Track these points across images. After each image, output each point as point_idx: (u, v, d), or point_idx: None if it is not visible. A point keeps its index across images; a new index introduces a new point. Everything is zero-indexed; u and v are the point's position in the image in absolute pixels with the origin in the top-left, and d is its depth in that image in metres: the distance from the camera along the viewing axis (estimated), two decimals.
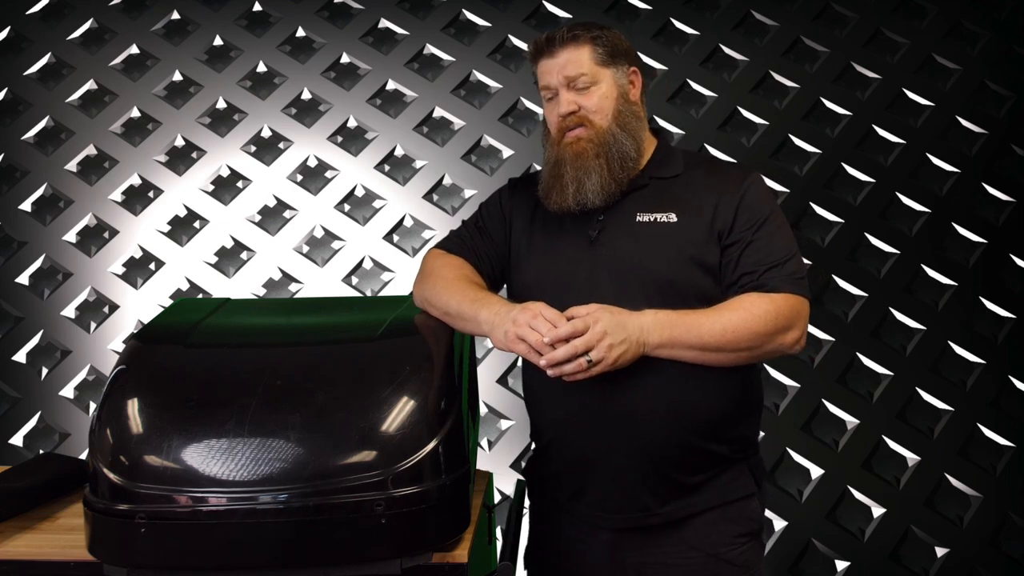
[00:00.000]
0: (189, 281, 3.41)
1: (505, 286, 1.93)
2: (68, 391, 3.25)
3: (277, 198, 3.54)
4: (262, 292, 3.41)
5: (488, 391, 3.22)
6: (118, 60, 3.76)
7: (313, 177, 3.58)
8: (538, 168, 1.86)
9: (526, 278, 1.86)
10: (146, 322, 2.40)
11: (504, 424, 3.18)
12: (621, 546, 1.79)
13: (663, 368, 1.70)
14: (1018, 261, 3.42)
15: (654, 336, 1.63)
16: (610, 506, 1.78)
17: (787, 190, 3.51)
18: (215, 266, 3.45)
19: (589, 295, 1.73)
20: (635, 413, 1.71)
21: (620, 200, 1.79)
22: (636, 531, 1.78)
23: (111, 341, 3.32)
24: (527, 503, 1.97)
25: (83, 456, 2.40)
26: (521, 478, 2.00)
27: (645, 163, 1.84)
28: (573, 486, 1.82)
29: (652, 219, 1.77)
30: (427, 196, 3.53)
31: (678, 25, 3.81)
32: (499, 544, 2.11)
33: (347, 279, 3.42)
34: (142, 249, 3.46)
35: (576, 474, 1.81)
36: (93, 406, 3.21)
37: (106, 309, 3.37)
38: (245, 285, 3.41)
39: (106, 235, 3.48)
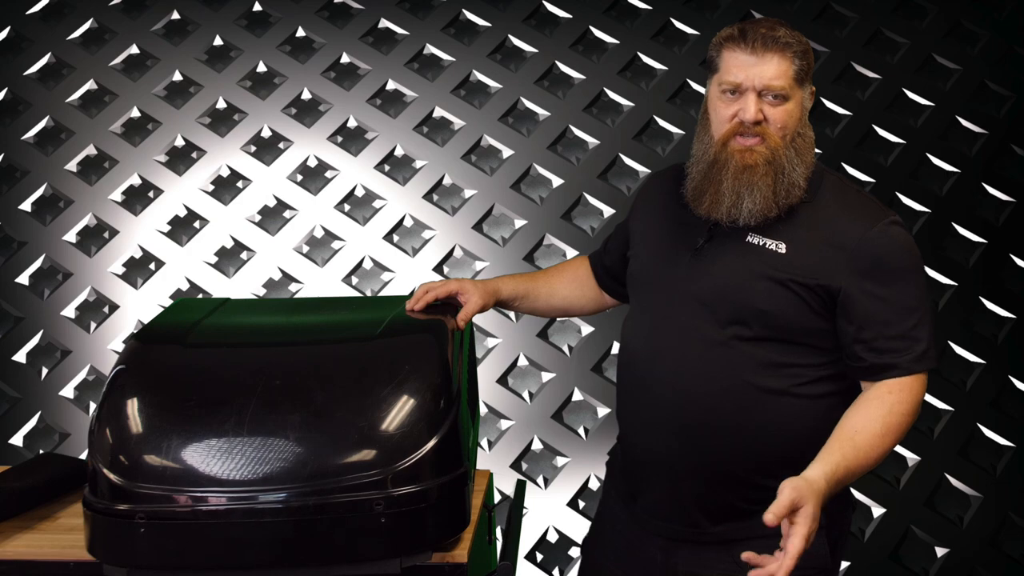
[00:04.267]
0: (189, 281, 3.41)
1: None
2: (68, 391, 3.25)
3: (277, 198, 3.54)
4: (262, 292, 3.41)
5: (488, 391, 3.22)
6: (118, 60, 3.76)
7: (313, 177, 3.58)
8: (538, 168, 1.84)
9: (632, 267, 1.84)
10: (146, 322, 2.40)
11: (504, 424, 3.18)
12: (674, 554, 1.74)
13: (744, 385, 1.64)
14: (1018, 261, 3.42)
15: (828, 496, 1.51)
16: (662, 514, 1.74)
17: None
18: (215, 266, 3.45)
19: (673, 305, 1.70)
20: (703, 428, 1.65)
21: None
22: (688, 543, 1.73)
23: (111, 341, 3.32)
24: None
25: (83, 456, 2.40)
26: (521, 478, 2.01)
27: None
28: (632, 486, 1.79)
29: (762, 243, 1.66)
30: (427, 196, 3.53)
31: (678, 25, 3.81)
32: (499, 544, 2.11)
33: (347, 279, 3.42)
34: (142, 249, 3.46)
35: (636, 475, 1.78)
36: (93, 406, 3.21)
37: (106, 309, 3.37)
38: (245, 285, 3.41)
39: (106, 235, 3.48)
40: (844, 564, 2.95)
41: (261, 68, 3.75)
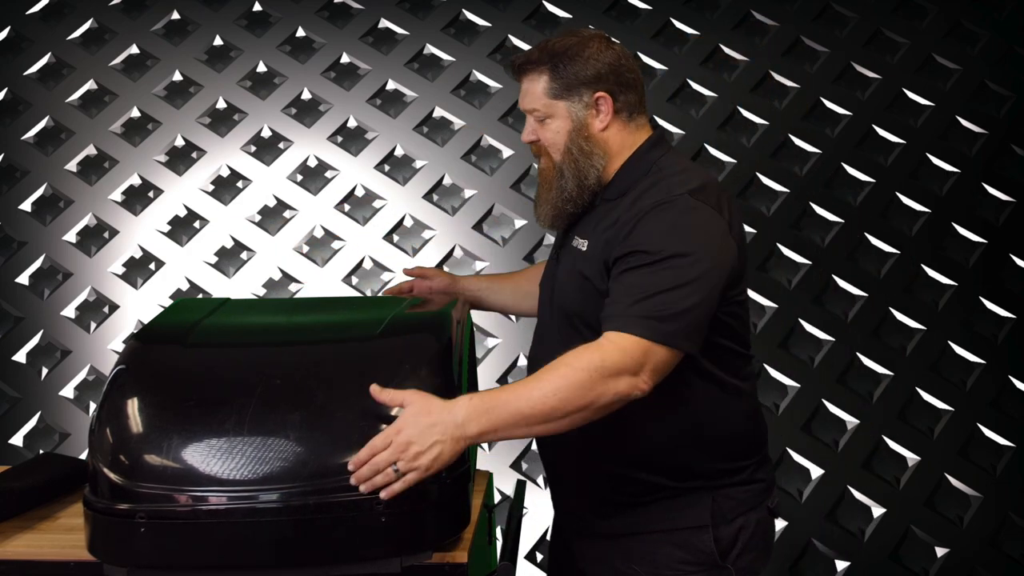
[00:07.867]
0: (189, 281, 3.41)
1: None
2: (68, 391, 3.25)
3: (277, 198, 3.54)
4: (262, 292, 3.41)
5: None
6: (118, 60, 3.76)
7: (313, 177, 3.58)
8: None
9: None
10: (146, 322, 2.40)
11: None
12: (581, 553, 1.85)
13: None
14: (1018, 261, 3.42)
15: (472, 427, 1.48)
16: (566, 512, 1.87)
17: (787, 190, 3.51)
18: (215, 266, 3.45)
19: (543, 317, 1.84)
20: (569, 436, 1.65)
21: (576, 222, 1.77)
22: (588, 539, 1.82)
23: (111, 341, 3.32)
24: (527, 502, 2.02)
25: (83, 456, 2.40)
26: (521, 478, 2.02)
27: (609, 181, 1.74)
28: (551, 490, 1.92)
29: (575, 244, 1.74)
30: (427, 196, 3.53)
31: (678, 25, 3.81)
32: (499, 544, 2.11)
33: (347, 279, 3.42)
34: (142, 249, 3.46)
35: (549, 481, 1.91)
36: (93, 406, 3.21)
37: (106, 309, 3.37)
38: (245, 285, 3.41)
39: (106, 235, 3.48)
40: (844, 564, 2.95)
41: (261, 68, 3.75)
